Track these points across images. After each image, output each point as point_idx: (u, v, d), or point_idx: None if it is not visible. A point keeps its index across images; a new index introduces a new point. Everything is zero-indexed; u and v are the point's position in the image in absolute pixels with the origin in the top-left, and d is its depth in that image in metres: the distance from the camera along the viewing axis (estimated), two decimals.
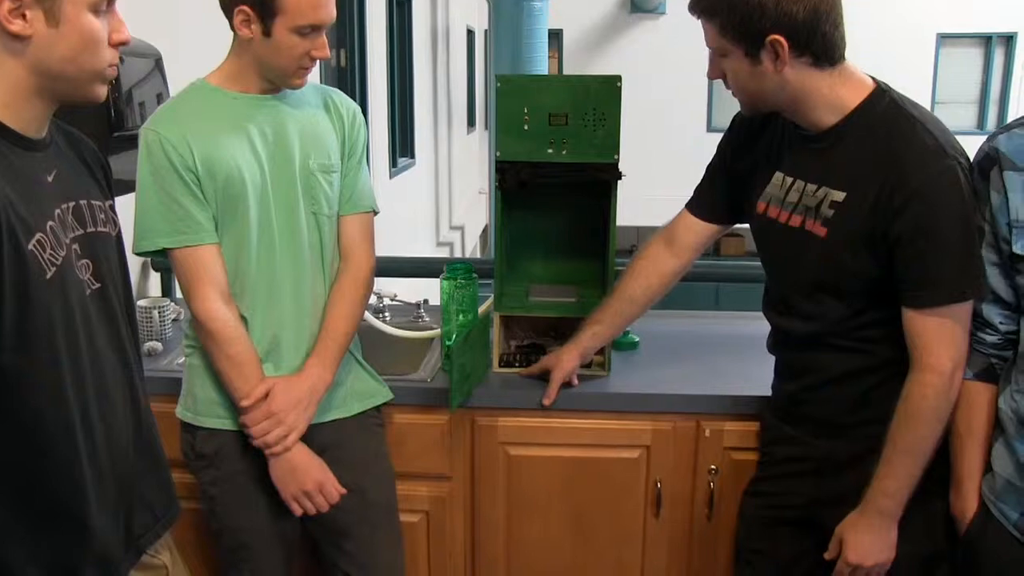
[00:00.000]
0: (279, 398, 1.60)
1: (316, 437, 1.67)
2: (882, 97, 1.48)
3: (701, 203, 1.78)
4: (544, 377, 1.91)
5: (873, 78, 1.51)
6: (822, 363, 1.58)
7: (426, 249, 7.66)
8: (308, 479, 1.63)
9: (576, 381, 1.92)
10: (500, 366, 2.02)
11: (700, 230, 1.78)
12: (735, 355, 2.08)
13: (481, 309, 2.07)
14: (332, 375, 1.67)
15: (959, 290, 1.42)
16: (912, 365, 1.46)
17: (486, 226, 10.92)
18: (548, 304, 2.04)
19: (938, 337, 1.43)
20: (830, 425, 1.61)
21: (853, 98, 1.48)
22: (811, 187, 1.52)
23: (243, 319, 1.62)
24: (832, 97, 1.47)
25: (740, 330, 1.93)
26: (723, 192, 1.74)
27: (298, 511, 1.65)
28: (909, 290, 1.44)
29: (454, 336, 1.97)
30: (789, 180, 1.56)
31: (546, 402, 1.88)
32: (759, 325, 1.75)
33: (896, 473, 1.48)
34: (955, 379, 1.45)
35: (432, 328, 2.27)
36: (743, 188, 1.67)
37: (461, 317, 1.99)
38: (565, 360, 1.87)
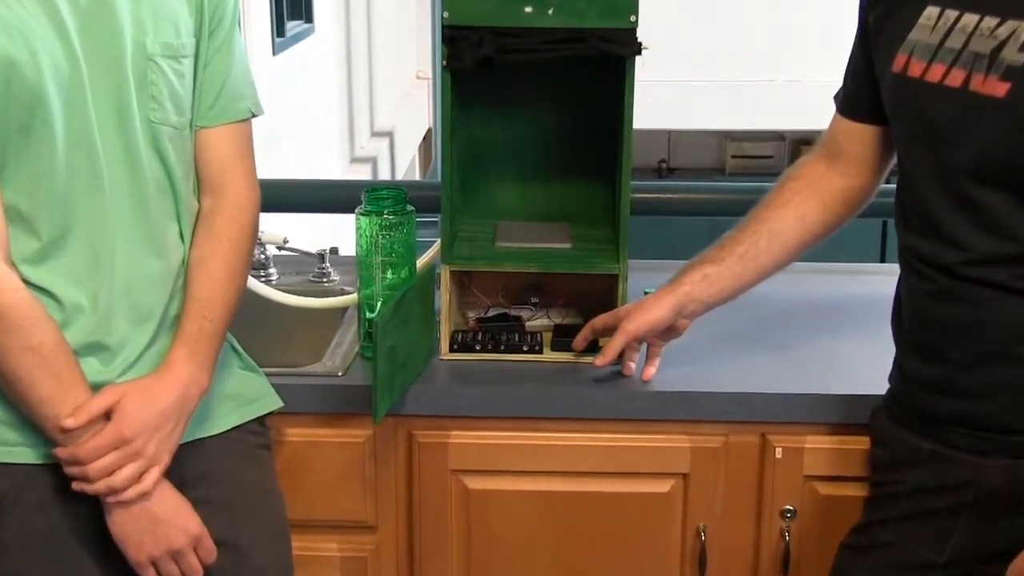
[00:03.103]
0: (132, 416, 1.59)
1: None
2: None
3: (847, 97, 1.84)
4: (593, 349, 1.95)
5: None
6: (995, 320, 1.57)
7: (334, 168, 7.76)
8: (179, 533, 1.64)
9: (649, 371, 1.93)
10: (452, 351, 2.03)
11: (864, 136, 1.80)
12: (824, 330, 2.08)
13: (421, 261, 2.10)
14: (210, 375, 1.69)
15: None
16: None
17: (429, 130, 10.96)
18: (526, 252, 2.06)
19: None
20: (1005, 431, 1.60)
21: None
22: (990, 22, 1.53)
23: (47, 293, 1.60)
24: None
25: (830, 291, 2.02)
26: (868, 73, 1.76)
27: None
28: None
29: (379, 304, 1.98)
30: (951, 15, 1.58)
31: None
32: (863, 283, 1.74)
33: None
34: None
35: (344, 292, 2.29)
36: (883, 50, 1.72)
37: (390, 274, 2.00)
38: (647, 308, 1.87)
